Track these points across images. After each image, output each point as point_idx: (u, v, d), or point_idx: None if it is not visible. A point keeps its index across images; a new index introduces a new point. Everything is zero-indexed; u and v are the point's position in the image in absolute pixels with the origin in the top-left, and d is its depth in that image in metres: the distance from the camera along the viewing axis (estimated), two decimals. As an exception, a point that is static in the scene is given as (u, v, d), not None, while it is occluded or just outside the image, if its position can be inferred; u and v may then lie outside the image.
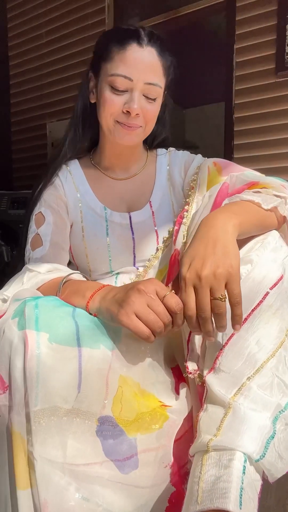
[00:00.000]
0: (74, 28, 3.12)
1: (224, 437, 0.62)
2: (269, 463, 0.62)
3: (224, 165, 0.97)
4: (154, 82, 0.91)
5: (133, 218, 1.01)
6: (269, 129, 2.28)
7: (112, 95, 0.91)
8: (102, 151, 1.04)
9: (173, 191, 1.05)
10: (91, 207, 1.02)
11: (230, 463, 0.60)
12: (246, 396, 0.65)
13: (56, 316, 0.68)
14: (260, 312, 0.68)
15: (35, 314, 0.67)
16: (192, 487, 0.62)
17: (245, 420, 0.63)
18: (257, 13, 2.27)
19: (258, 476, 0.62)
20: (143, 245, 1.00)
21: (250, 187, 0.84)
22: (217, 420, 0.65)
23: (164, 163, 1.08)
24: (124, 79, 0.89)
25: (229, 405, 0.65)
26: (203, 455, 0.63)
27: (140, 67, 0.89)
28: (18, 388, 0.64)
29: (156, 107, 0.94)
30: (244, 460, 0.61)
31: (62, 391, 0.64)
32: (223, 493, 0.58)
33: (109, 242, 1.00)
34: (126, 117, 0.91)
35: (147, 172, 1.06)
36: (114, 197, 1.03)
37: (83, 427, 0.65)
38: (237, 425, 0.63)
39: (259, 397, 0.65)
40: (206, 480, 0.60)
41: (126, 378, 0.70)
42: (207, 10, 2.53)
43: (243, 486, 0.59)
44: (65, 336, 0.66)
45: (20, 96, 3.63)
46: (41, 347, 0.64)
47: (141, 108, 0.91)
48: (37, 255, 0.95)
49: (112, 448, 0.66)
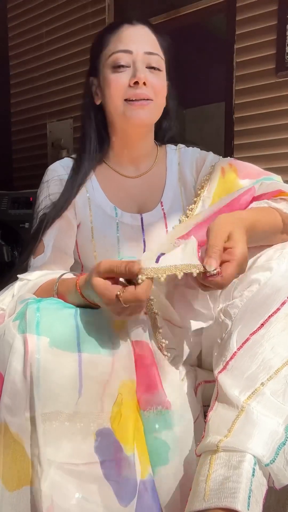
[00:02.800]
0: (74, 28, 3.12)
1: (235, 438, 0.62)
2: (278, 468, 0.61)
3: (242, 167, 0.95)
4: (153, 51, 0.91)
5: (144, 219, 0.99)
6: (269, 129, 2.28)
7: (115, 74, 0.90)
8: (111, 146, 1.01)
9: (184, 191, 1.02)
10: (101, 206, 0.98)
11: (240, 465, 0.60)
12: (259, 401, 0.64)
13: (57, 320, 0.68)
14: (277, 319, 0.68)
15: (36, 318, 0.67)
16: (198, 485, 0.62)
17: (257, 424, 0.63)
18: (257, 13, 2.27)
19: (265, 480, 0.62)
20: (154, 246, 0.97)
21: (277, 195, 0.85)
22: (228, 421, 0.64)
23: (174, 160, 1.05)
24: (124, 53, 0.89)
25: (242, 407, 0.64)
26: (212, 455, 0.63)
27: (137, 39, 0.91)
28: (18, 391, 0.64)
29: (162, 79, 0.93)
30: (254, 463, 0.60)
31: (63, 395, 0.64)
32: (232, 492, 0.58)
33: (119, 243, 0.97)
34: (133, 90, 0.89)
35: (157, 170, 1.03)
36: (125, 196, 1.00)
37: (85, 430, 0.65)
38: (249, 428, 0.62)
39: (272, 403, 0.64)
40: (214, 479, 0.60)
41: (128, 381, 0.69)
42: (207, 10, 2.53)
43: (251, 488, 0.59)
44: (65, 340, 0.66)
45: (20, 96, 3.63)
46: (41, 351, 0.64)
47: (147, 79, 0.90)
48: (38, 264, 0.93)
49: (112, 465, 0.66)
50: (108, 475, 0.65)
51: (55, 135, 3.35)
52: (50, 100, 3.37)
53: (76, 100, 2.99)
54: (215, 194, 0.91)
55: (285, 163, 2.23)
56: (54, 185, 0.98)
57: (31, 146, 3.56)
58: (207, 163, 1.01)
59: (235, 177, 0.92)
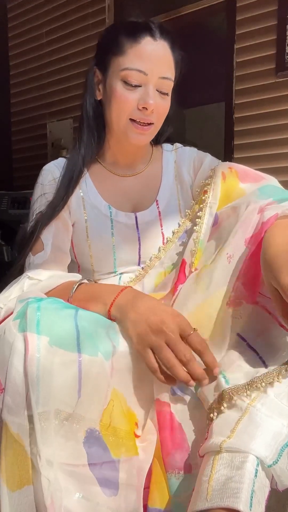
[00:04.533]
0: (74, 28, 3.12)
1: (238, 439, 0.62)
2: (281, 470, 0.61)
3: (241, 171, 0.93)
4: (168, 76, 0.89)
5: (139, 218, 0.98)
6: (269, 129, 2.28)
7: (125, 91, 0.87)
8: (106, 147, 0.99)
9: (180, 190, 1.02)
10: (95, 205, 0.98)
11: (243, 465, 0.60)
12: (263, 403, 0.64)
13: (58, 319, 0.68)
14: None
15: (36, 317, 0.67)
16: (201, 485, 0.62)
17: (260, 425, 0.62)
18: (257, 13, 2.27)
19: (268, 482, 0.62)
20: (149, 245, 0.98)
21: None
22: (232, 422, 0.64)
23: (170, 160, 1.04)
24: (139, 73, 0.86)
25: (246, 409, 0.64)
26: (215, 456, 0.63)
27: (155, 60, 0.87)
28: (18, 391, 0.64)
29: (168, 102, 0.92)
30: (257, 464, 0.60)
31: (63, 394, 0.64)
32: (234, 492, 0.58)
33: (114, 243, 0.97)
34: (141, 113, 0.88)
35: (153, 169, 1.03)
36: (119, 195, 1.00)
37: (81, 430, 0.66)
38: (252, 429, 0.62)
39: (276, 405, 0.64)
40: (216, 479, 0.60)
41: (118, 392, 0.69)
42: (207, 10, 2.53)
43: (254, 489, 0.59)
44: (65, 340, 0.66)
45: (20, 96, 3.63)
46: (41, 350, 0.64)
47: (155, 105, 0.88)
48: (38, 261, 0.93)
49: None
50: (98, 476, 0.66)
51: (55, 135, 3.35)
52: (50, 100, 3.37)
53: (76, 100, 2.99)
54: (220, 199, 0.90)
55: (285, 163, 2.23)
56: (49, 185, 0.97)
57: (31, 146, 3.56)
58: (205, 164, 1.00)
59: (236, 181, 0.91)
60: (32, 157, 3.55)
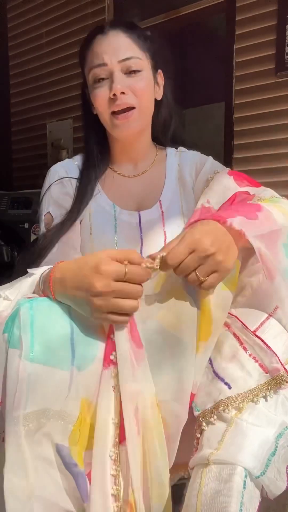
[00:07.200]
0: (74, 28, 3.11)
1: (225, 451, 0.62)
2: (269, 479, 0.61)
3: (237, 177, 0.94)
4: (128, 56, 0.91)
5: (142, 217, 1.00)
6: (269, 129, 2.28)
7: (96, 89, 0.92)
8: (110, 149, 1.03)
9: (183, 191, 1.04)
10: (100, 204, 1.00)
11: (231, 478, 0.60)
12: (250, 413, 0.64)
13: (51, 319, 0.68)
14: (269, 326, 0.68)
15: (30, 317, 0.66)
16: (190, 499, 0.62)
17: (247, 435, 0.62)
18: (257, 13, 2.27)
19: (258, 492, 0.62)
20: (151, 244, 0.99)
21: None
22: (219, 434, 0.64)
23: (174, 162, 1.06)
24: (100, 67, 0.91)
25: (231, 420, 0.64)
26: (203, 468, 0.63)
27: (109, 49, 0.91)
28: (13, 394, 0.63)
29: (143, 81, 0.93)
30: (245, 475, 0.60)
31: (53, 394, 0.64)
32: (223, 506, 0.58)
33: (116, 241, 0.98)
34: (114, 102, 0.91)
35: (156, 171, 1.05)
36: (123, 194, 1.02)
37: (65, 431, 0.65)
38: (239, 440, 0.62)
39: (263, 414, 0.64)
40: (205, 493, 0.60)
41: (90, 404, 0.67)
42: (207, 10, 2.53)
43: (243, 501, 0.59)
44: (59, 340, 0.66)
45: (20, 96, 3.63)
46: (34, 350, 0.64)
47: (126, 86, 0.91)
48: (46, 258, 0.93)
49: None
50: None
51: (55, 135, 3.35)
52: (50, 100, 3.37)
53: (76, 100, 2.99)
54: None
55: (285, 163, 2.23)
56: (57, 187, 1.00)
57: (31, 146, 3.56)
58: (207, 166, 1.02)
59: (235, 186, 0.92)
60: (32, 157, 3.55)
